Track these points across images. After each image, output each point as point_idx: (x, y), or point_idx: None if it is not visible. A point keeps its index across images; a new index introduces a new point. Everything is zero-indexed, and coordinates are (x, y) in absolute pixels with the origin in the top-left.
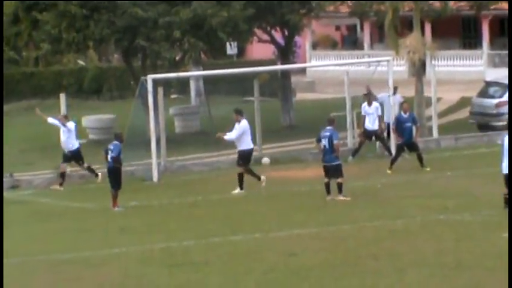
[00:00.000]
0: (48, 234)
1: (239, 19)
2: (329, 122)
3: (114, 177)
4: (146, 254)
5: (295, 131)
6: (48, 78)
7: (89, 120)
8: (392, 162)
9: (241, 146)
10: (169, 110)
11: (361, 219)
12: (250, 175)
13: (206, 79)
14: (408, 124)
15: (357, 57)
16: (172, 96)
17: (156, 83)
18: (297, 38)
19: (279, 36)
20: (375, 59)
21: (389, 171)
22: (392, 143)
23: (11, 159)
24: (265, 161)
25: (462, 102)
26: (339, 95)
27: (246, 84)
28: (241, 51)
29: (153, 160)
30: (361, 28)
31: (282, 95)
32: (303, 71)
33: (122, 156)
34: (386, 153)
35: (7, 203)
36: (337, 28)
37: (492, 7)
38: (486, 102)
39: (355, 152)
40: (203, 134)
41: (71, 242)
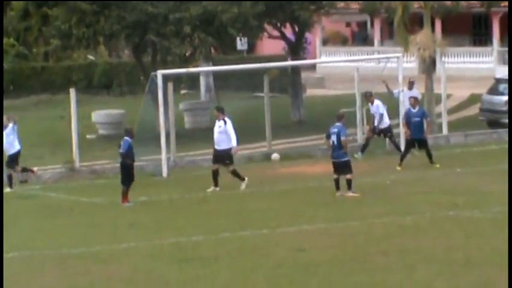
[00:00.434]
0: (57, 229)
1: (249, 15)
2: (338, 118)
3: (125, 173)
4: (155, 249)
5: (305, 127)
6: (58, 73)
7: (98, 115)
8: (402, 158)
9: (226, 145)
10: (179, 106)
11: (370, 216)
12: (234, 175)
13: (216, 75)
14: (417, 119)
15: (367, 54)
16: (182, 91)
17: (166, 78)
18: (307, 34)
19: (289, 32)
20: (384, 56)
21: (398, 168)
22: (402, 138)
23: (21, 154)
24: (275, 156)
25: (472, 99)
26: (349, 91)
27: (256, 80)
28: (252, 47)
29: (163, 155)
30: (372, 25)
31: (292, 91)
32: (313, 67)
33: (134, 151)
34: (396, 150)
35: (16, 197)
36: (348, 24)
37: (502, 4)
38: (496, 99)
39: (364, 148)
40: (212, 130)
41: (79, 236)
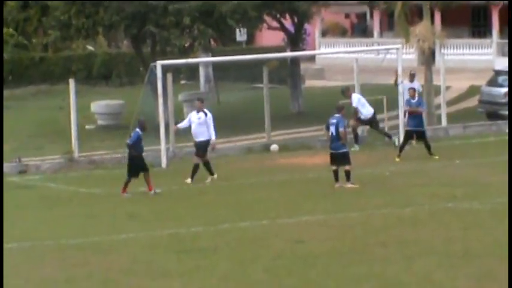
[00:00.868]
0: (56, 220)
1: (248, 6)
2: (337, 110)
3: (130, 164)
4: (154, 240)
5: (304, 118)
6: (57, 63)
7: (97, 105)
8: (401, 149)
9: (204, 137)
10: (178, 96)
11: (369, 207)
12: (207, 167)
13: (215, 66)
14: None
15: (366, 45)
16: (182, 82)
17: (165, 69)
18: (306, 26)
19: (288, 23)
20: (384, 47)
21: (397, 159)
22: (401, 129)
23: (19, 144)
24: (274, 147)
25: (471, 91)
26: (348, 83)
27: (255, 71)
28: (251, 38)
29: (162, 146)
30: (371, 16)
31: (291, 82)
32: (312, 58)
33: (142, 144)
34: (386, 138)
35: (15, 187)
36: (347, 16)
37: None
38: (495, 91)
39: (356, 139)
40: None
41: (78, 227)
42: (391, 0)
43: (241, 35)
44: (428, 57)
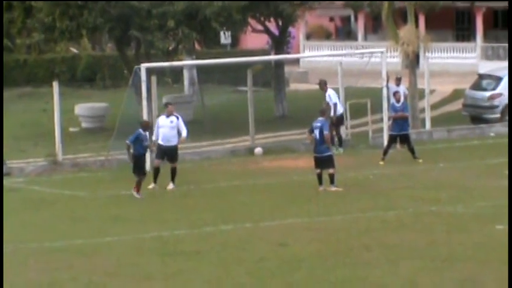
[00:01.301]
0: (40, 222)
1: (233, 9)
2: (321, 113)
3: (134, 163)
4: (139, 243)
5: (288, 121)
6: (41, 66)
7: (81, 108)
8: (385, 153)
9: (175, 141)
10: (162, 99)
11: (353, 210)
12: (175, 173)
13: (200, 68)
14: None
15: (350, 48)
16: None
17: (149, 71)
18: (290, 29)
19: (273, 26)
20: (368, 51)
21: (381, 163)
22: (385, 133)
23: (3, 147)
24: (258, 151)
25: (455, 95)
26: (332, 86)
27: (240, 73)
28: (235, 41)
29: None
30: (355, 19)
31: (275, 85)
32: (296, 62)
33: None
34: (337, 144)
35: None
36: (331, 19)
37: None
38: (479, 94)
39: (340, 142)
40: (196, 123)
41: (63, 230)
42: (376, 0)
43: (225, 38)
44: (412, 61)
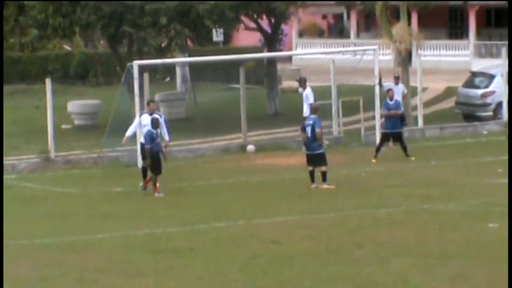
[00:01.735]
0: (31, 219)
1: (225, 6)
2: (313, 111)
3: (152, 162)
4: (130, 240)
5: (281, 119)
6: (34, 63)
7: (74, 105)
8: (377, 151)
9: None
10: (155, 96)
11: (345, 208)
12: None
13: (192, 66)
14: (393, 111)
15: (343, 46)
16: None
17: (142, 69)
18: (283, 26)
19: (265, 23)
20: (361, 48)
21: (374, 161)
22: (377, 131)
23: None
24: (250, 148)
25: (448, 92)
26: (325, 84)
27: (232, 71)
28: (228, 39)
29: (138, 146)
30: (348, 17)
31: (268, 83)
32: (289, 59)
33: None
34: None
35: None
36: (324, 17)
37: None
38: (472, 92)
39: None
40: (188, 121)
41: (54, 226)
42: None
43: (218, 36)
44: (405, 59)
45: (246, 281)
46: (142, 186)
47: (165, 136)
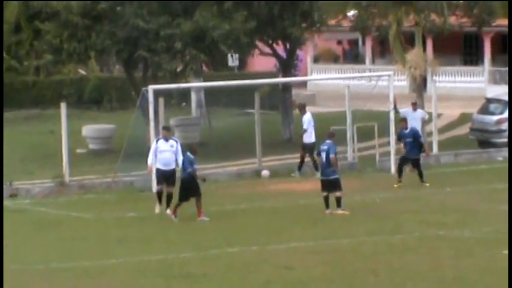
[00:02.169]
0: (46, 243)
1: (240, 32)
2: (329, 136)
3: (181, 187)
4: (143, 265)
5: (295, 144)
6: (48, 87)
7: (88, 129)
8: (399, 175)
9: (174, 165)
10: (169, 121)
11: (359, 234)
12: (171, 198)
13: (207, 91)
14: (409, 139)
15: (358, 72)
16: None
17: (157, 93)
18: (298, 52)
19: (280, 49)
20: (376, 74)
21: (396, 185)
22: (392, 157)
23: (11, 168)
24: (265, 173)
25: (462, 119)
26: (340, 109)
27: (247, 96)
28: (243, 64)
29: (153, 171)
30: (363, 43)
31: (283, 108)
32: (303, 84)
33: (193, 166)
34: (313, 169)
35: (6, 211)
36: (339, 42)
37: (494, 24)
38: (486, 118)
39: (299, 166)
40: (203, 146)
41: (68, 251)
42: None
43: (233, 61)
44: (419, 85)
45: None
46: (170, 214)
47: (179, 160)
